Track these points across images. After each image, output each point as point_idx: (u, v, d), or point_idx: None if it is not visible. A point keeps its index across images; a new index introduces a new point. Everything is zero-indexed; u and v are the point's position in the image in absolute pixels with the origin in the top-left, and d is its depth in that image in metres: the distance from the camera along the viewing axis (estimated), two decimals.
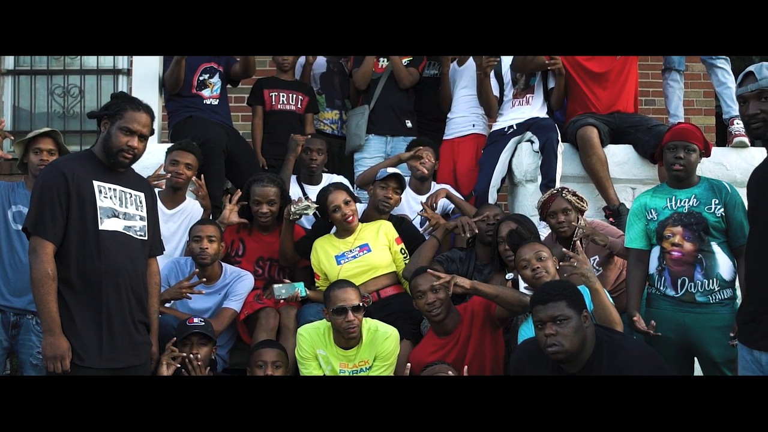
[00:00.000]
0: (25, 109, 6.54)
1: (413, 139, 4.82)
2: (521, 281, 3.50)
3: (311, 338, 3.59)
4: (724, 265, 3.28)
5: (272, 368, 3.45)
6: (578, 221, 3.69)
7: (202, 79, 4.87)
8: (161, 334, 3.27)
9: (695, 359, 3.37)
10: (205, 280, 3.82)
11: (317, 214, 4.18)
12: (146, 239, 3.09)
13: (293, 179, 4.72)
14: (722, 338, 3.18)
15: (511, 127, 4.63)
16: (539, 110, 4.64)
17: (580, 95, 4.63)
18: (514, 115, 4.67)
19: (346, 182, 4.54)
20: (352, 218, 4.03)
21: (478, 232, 3.99)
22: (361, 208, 4.31)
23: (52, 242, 2.81)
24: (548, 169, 4.33)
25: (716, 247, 3.28)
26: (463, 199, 4.52)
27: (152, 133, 3.08)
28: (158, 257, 3.29)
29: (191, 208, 4.33)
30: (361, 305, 3.51)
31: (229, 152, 4.67)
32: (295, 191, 4.56)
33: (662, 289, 3.35)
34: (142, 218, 3.07)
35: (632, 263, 3.49)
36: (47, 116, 6.51)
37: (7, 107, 6.49)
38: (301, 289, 3.90)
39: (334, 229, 4.17)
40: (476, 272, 3.99)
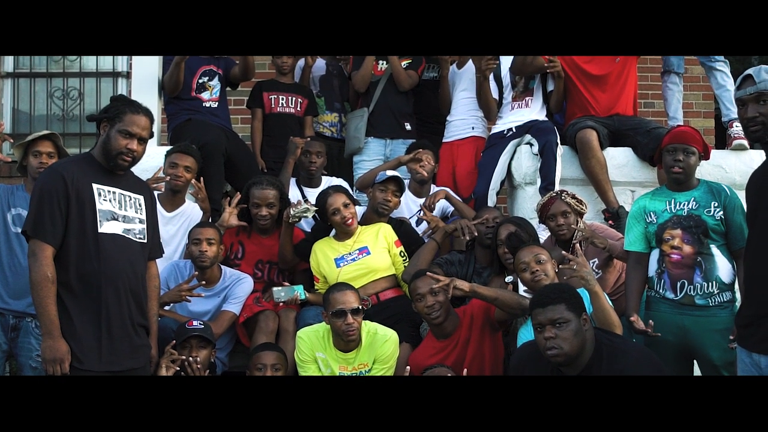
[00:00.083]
0: (24, 111, 6.54)
1: (413, 141, 4.83)
2: (520, 284, 3.50)
3: (310, 341, 3.59)
4: (723, 268, 3.27)
5: (271, 371, 3.45)
6: (577, 224, 3.69)
7: (201, 81, 4.87)
8: (160, 337, 3.26)
9: (695, 362, 3.36)
10: (204, 283, 3.82)
11: (316, 216, 4.18)
12: (145, 242, 3.09)
13: (292, 182, 4.71)
14: (721, 341, 3.17)
15: (510, 129, 4.62)
16: (538, 113, 4.64)
17: (579, 98, 4.63)
18: (513, 117, 4.66)
19: (345, 185, 4.55)
20: (351, 221, 4.03)
21: (477, 234, 3.99)
22: (360, 210, 4.31)
23: (51, 245, 2.81)
24: (547, 171, 4.33)
25: (715, 250, 3.28)
26: (462, 201, 4.53)
27: (152, 136, 3.08)
28: (157, 260, 3.29)
29: (190, 210, 4.33)
30: (360, 308, 3.51)
31: (228, 155, 4.66)
32: (294, 194, 4.56)
33: (661, 291, 3.35)
34: (141, 221, 3.07)
35: (631, 266, 3.49)
36: (46, 119, 6.50)
37: (6, 110, 6.49)
38: (300, 292, 3.90)
39: (333, 231, 4.17)
40: (475, 275, 3.99)
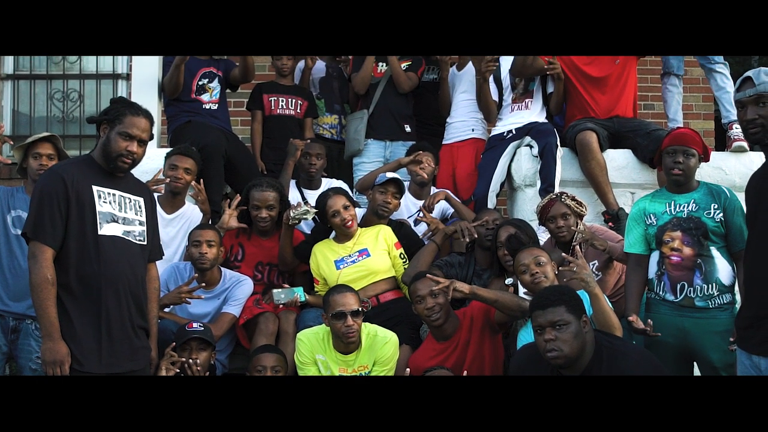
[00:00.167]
0: (24, 113, 6.54)
1: (413, 143, 4.83)
2: (520, 286, 3.50)
3: (310, 343, 3.59)
4: (723, 269, 3.27)
5: (271, 373, 3.45)
6: (577, 226, 3.69)
7: (201, 83, 4.87)
8: (160, 339, 3.26)
9: (695, 364, 3.36)
10: (204, 284, 3.82)
11: (316, 218, 4.18)
12: (145, 244, 3.09)
13: (292, 184, 4.71)
14: (721, 343, 3.17)
15: (510, 131, 4.62)
16: (538, 115, 4.64)
17: (579, 100, 4.63)
18: (513, 119, 4.67)
19: (345, 187, 4.54)
20: (351, 223, 4.03)
21: (477, 236, 3.99)
22: (360, 212, 4.31)
23: (51, 247, 2.81)
24: (547, 173, 4.33)
25: (715, 251, 3.28)
26: (461, 203, 4.53)
27: (151, 138, 3.08)
28: (157, 262, 3.29)
29: (190, 212, 4.33)
30: (360, 310, 3.51)
31: (228, 157, 4.66)
32: (294, 196, 4.55)
33: (661, 293, 3.35)
34: (141, 223, 3.07)
35: (631, 268, 3.49)
36: (46, 121, 6.50)
37: (6, 112, 6.49)
38: (300, 293, 3.90)
39: (333, 233, 4.17)
40: (475, 277, 3.99)
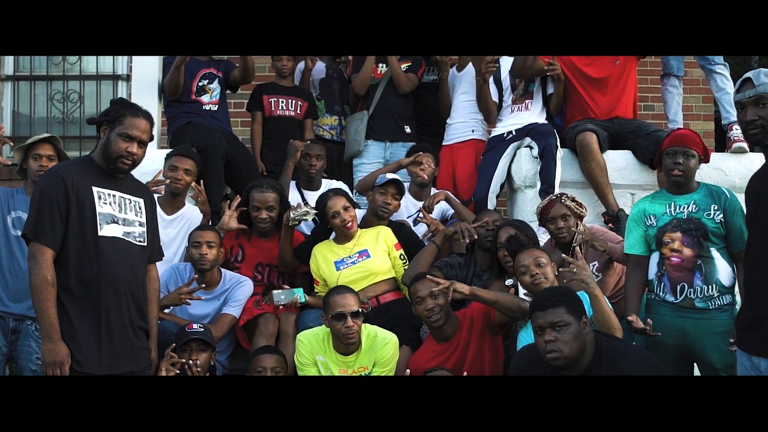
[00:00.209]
0: (24, 114, 6.54)
1: (413, 144, 4.83)
2: (520, 287, 3.50)
3: (310, 344, 3.59)
4: (723, 270, 3.27)
5: (271, 374, 3.44)
6: (577, 227, 3.69)
7: (201, 84, 4.87)
8: (160, 340, 3.26)
9: (695, 365, 3.36)
10: (204, 286, 3.82)
11: (316, 219, 4.18)
12: (145, 245, 3.09)
13: (292, 185, 4.71)
14: (722, 344, 3.17)
15: (510, 132, 4.62)
16: (538, 116, 4.64)
17: (579, 101, 4.63)
18: (513, 120, 4.67)
19: (345, 188, 4.54)
20: (351, 224, 4.03)
21: (477, 237, 3.99)
22: (360, 213, 4.31)
23: (51, 248, 2.81)
24: (547, 174, 4.33)
25: (715, 252, 3.28)
26: (462, 204, 4.53)
27: (151, 139, 3.08)
28: (157, 263, 3.29)
29: (190, 213, 4.33)
30: (360, 311, 3.51)
31: (228, 158, 4.66)
32: (294, 197, 4.55)
33: (661, 294, 3.35)
34: (141, 224, 3.07)
35: (631, 269, 3.49)
36: (46, 122, 6.51)
37: (6, 113, 6.49)
38: (300, 294, 3.90)
39: (333, 234, 4.17)
40: (475, 278, 3.98)
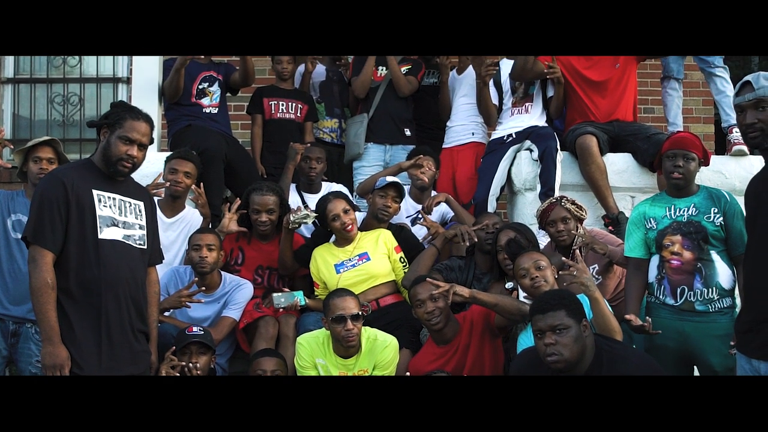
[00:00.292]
0: (24, 117, 6.54)
1: (413, 147, 4.82)
2: (520, 290, 3.50)
3: (310, 347, 3.59)
4: (723, 273, 3.27)
5: None
6: (577, 230, 3.68)
7: (201, 87, 4.87)
8: (160, 343, 3.26)
9: (695, 368, 3.36)
10: (204, 288, 3.82)
11: (316, 222, 4.18)
12: (145, 248, 3.09)
13: (292, 188, 4.72)
14: (721, 347, 3.17)
15: (510, 135, 4.62)
16: (538, 119, 4.64)
17: (579, 104, 4.63)
18: (513, 123, 4.67)
19: (345, 191, 4.54)
20: (351, 227, 4.03)
21: (477, 240, 3.99)
22: (360, 216, 4.31)
23: (51, 251, 2.81)
24: (547, 177, 4.33)
25: (715, 255, 3.28)
26: (462, 207, 4.52)
27: (152, 142, 3.08)
28: (157, 266, 3.29)
29: (190, 216, 4.33)
30: (360, 314, 3.51)
31: (228, 161, 4.67)
32: (294, 200, 4.55)
33: (661, 297, 3.35)
34: (141, 227, 3.07)
35: (631, 272, 3.49)
36: (47, 124, 6.50)
37: (6, 115, 6.49)
38: (300, 297, 3.90)
39: (333, 237, 4.17)
40: (475, 281, 3.98)
